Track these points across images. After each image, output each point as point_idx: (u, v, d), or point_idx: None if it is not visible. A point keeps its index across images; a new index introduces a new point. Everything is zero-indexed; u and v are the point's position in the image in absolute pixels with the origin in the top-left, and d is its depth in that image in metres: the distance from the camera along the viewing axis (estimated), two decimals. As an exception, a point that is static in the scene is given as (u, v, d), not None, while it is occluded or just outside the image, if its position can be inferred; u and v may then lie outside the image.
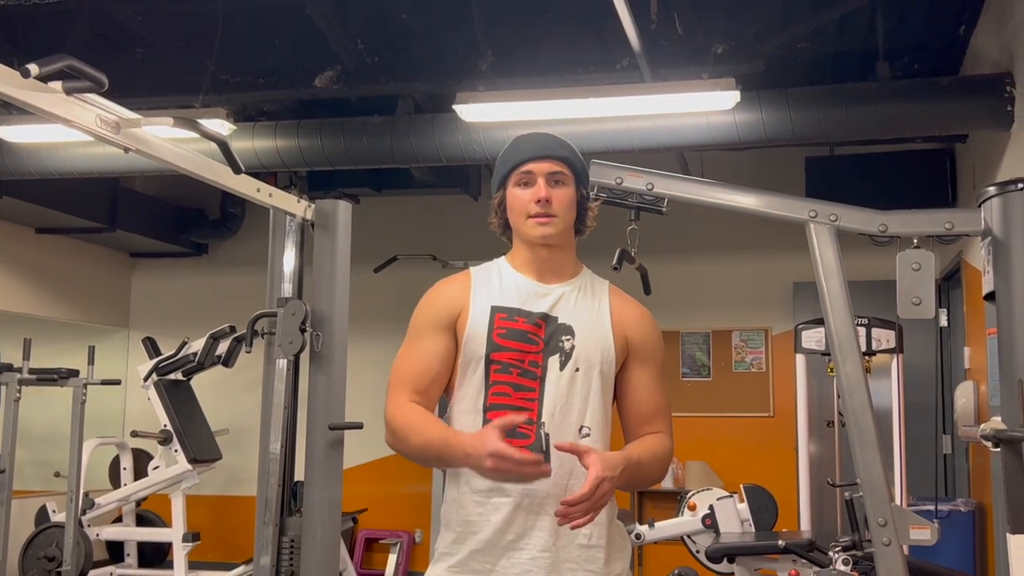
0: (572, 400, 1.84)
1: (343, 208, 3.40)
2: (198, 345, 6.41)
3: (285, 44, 5.41)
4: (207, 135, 2.60)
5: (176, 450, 6.35)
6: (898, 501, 4.71)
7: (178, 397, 6.57)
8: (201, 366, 6.42)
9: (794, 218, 2.20)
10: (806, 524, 5.30)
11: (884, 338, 5.29)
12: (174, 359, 6.50)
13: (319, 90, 5.32)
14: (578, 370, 1.86)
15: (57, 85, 2.16)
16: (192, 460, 6.32)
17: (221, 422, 6.92)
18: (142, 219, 7.59)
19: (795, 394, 5.53)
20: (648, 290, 2.41)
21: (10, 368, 5.82)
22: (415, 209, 7.69)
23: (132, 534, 6.68)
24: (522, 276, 1.95)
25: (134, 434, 6.53)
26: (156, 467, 6.39)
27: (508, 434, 1.78)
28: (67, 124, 2.26)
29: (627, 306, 1.98)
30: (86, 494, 6.25)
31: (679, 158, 6.15)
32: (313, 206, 3.35)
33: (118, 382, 6.47)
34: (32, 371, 5.90)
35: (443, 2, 5.00)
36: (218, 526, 7.39)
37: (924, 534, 2.07)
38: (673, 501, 6.02)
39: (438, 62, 5.28)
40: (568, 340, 1.88)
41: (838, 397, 5.26)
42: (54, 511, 6.35)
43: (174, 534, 6.28)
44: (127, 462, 6.72)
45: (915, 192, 6.04)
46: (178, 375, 6.57)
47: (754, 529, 4.74)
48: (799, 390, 5.49)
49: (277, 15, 5.19)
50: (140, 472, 6.61)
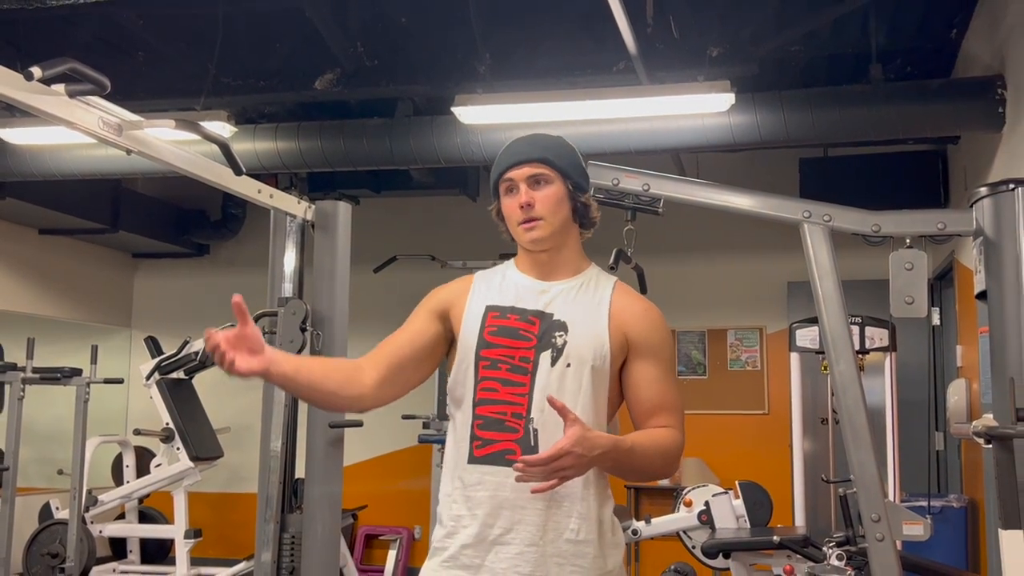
0: (562, 395, 1.80)
1: (343, 209, 3.41)
2: (200, 344, 6.41)
3: (285, 47, 5.42)
4: (208, 137, 2.62)
5: (178, 448, 6.36)
6: (891, 497, 4.67)
7: (180, 396, 6.58)
8: (203, 365, 6.45)
9: (788, 218, 2.23)
10: (801, 520, 5.27)
11: (877, 336, 5.26)
12: (176, 358, 6.52)
13: (319, 93, 5.33)
14: (569, 365, 1.83)
15: (60, 88, 2.17)
16: (194, 458, 6.33)
17: (222, 420, 6.93)
18: (144, 220, 7.60)
19: (789, 392, 5.50)
20: (644, 289, 2.41)
21: (14, 367, 5.83)
22: (414, 210, 7.70)
23: (135, 531, 6.69)
24: (523, 276, 1.96)
25: (136, 432, 6.55)
26: (158, 465, 6.41)
27: (497, 428, 1.81)
28: (70, 126, 2.27)
29: (629, 302, 1.93)
30: (89, 491, 6.28)
31: (675, 160, 6.16)
32: (313, 207, 3.36)
33: (121, 381, 6.48)
34: (36, 370, 5.91)
35: (441, 5, 5.00)
36: (220, 523, 7.40)
37: (917, 529, 2.11)
38: (669, 497, 6.05)
39: (437, 65, 5.28)
40: (561, 336, 1.85)
41: (832, 395, 5.22)
42: (57, 508, 6.35)
43: (176, 531, 6.29)
44: (130, 460, 6.74)
45: (908, 193, 6.04)
46: (180, 374, 6.58)
47: (749, 525, 4.71)
48: (793, 388, 5.45)
49: (277, 19, 5.20)
50: (142, 470, 6.62)
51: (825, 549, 4.12)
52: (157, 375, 6.51)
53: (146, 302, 8.42)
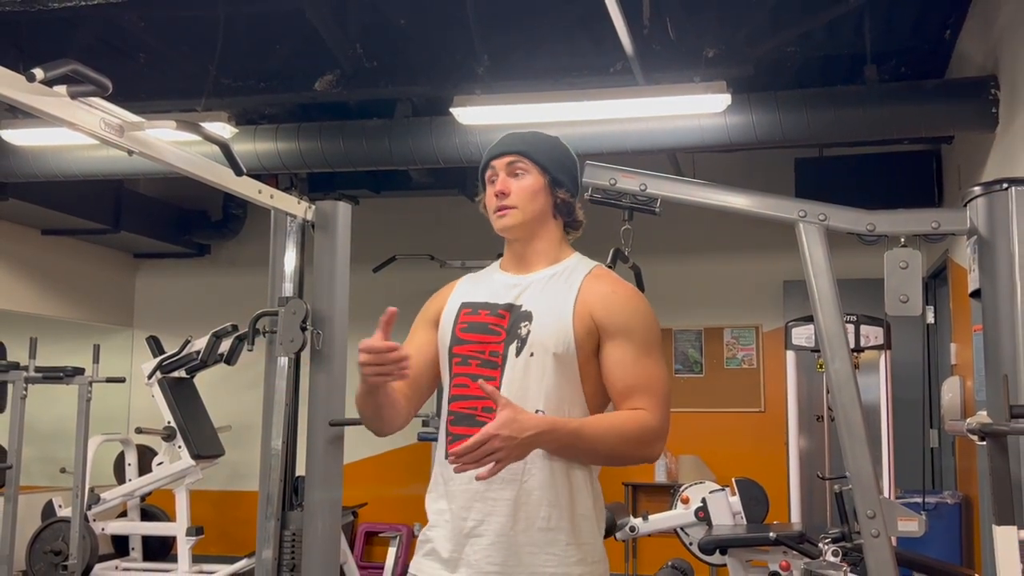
0: (527, 384, 1.80)
1: (343, 209, 3.40)
2: (201, 343, 6.44)
3: (285, 49, 5.43)
4: (209, 138, 2.60)
5: (180, 446, 6.37)
6: (886, 494, 4.69)
7: (181, 394, 6.59)
8: (204, 364, 6.45)
9: (784, 218, 2.22)
10: (796, 516, 5.31)
11: (872, 335, 5.30)
12: (177, 357, 6.53)
13: (319, 94, 5.34)
14: (532, 355, 1.82)
15: (62, 89, 2.16)
16: (195, 456, 6.34)
17: (223, 419, 6.94)
18: (145, 220, 7.62)
19: (785, 390, 5.55)
20: (642, 288, 2.42)
21: (17, 367, 5.83)
22: (413, 210, 7.72)
23: (137, 528, 6.69)
24: (502, 272, 1.97)
25: (138, 431, 6.56)
26: (160, 463, 6.42)
27: (468, 423, 1.82)
28: (72, 127, 2.27)
29: (599, 285, 1.87)
30: (91, 489, 6.29)
31: (671, 160, 6.17)
32: (313, 207, 3.35)
33: (123, 380, 6.44)
34: (38, 369, 5.92)
35: (440, 7, 5.02)
36: (221, 520, 7.42)
37: (912, 526, 2.09)
38: (666, 494, 6.09)
39: (435, 66, 5.30)
40: (525, 326, 1.84)
41: (827, 392, 5.25)
42: (60, 506, 6.35)
43: (178, 528, 6.30)
44: (132, 458, 6.75)
45: (902, 192, 6.05)
46: (181, 373, 6.58)
47: (746, 521, 4.71)
48: (789, 386, 5.50)
49: (278, 21, 5.21)
50: (144, 468, 6.64)
51: (821, 545, 4.11)
52: (159, 374, 6.51)
53: (148, 302, 8.43)
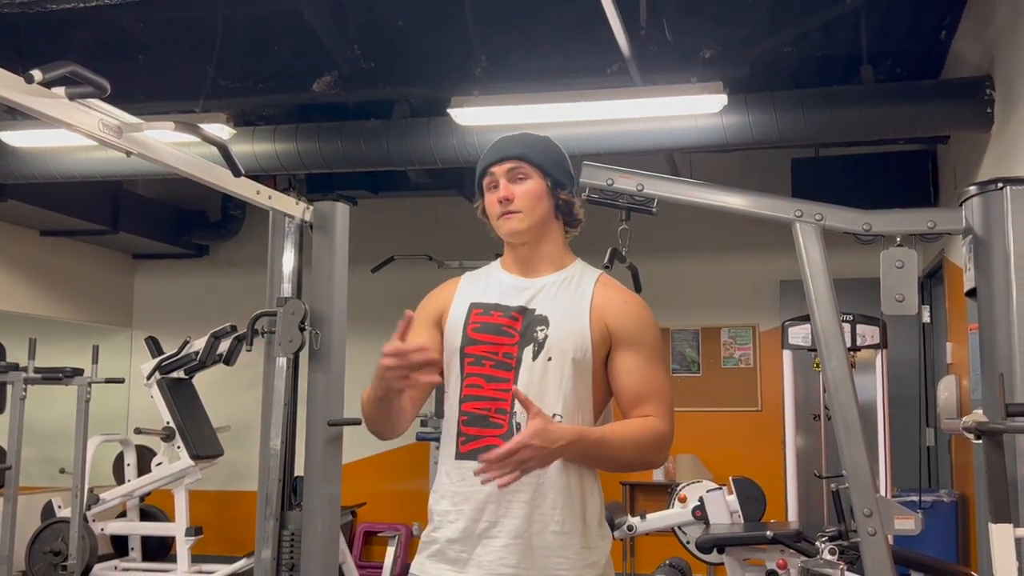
0: (545, 388, 1.82)
1: (341, 210, 3.40)
2: (200, 344, 6.45)
3: (284, 50, 5.43)
4: (207, 139, 2.59)
5: (179, 446, 6.38)
6: (883, 492, 4.67)
7: (180, 395, 6.60)
8: (203, 364, 6.46)
9: (781, 218, 2.22)
10: (793, 515, 5.30)
11: (868, 334, 5.29)
12: (176, 358, 6.54)
13: (317, 95, 5.34)
14: (550, 359, 1.84)
15: (60, 90, 2.16)
16: (194, 456, 6.35)
17: (222, 419, 6.96)
18: (144, 221, 7.63)
19: (782, 389, 5.55)
20: (639, 288, 2.41)
21: (16, 367, 5.83)
22: (411, 210, 7.73)
23: (136, 528, 6.70)
24: (507, 274, 1.97)
25: (137, 431, 6.56)
26: (159, 463, 6.43)
27: (482, 424, 1.83)
28: (70, 128, 2.26)
29: (610, 293, 1.91)
30: (91, 490, 6.30)
31: (668, 160, 6.16)
32: (311, 208, 3.34)
33: (122, 381, 6.48)
34: (37, 370, 5.93)
35: (438, 9, 5.02)
36: (220, 520, 7.44)
37: (908, 524, 2.10)
38: (664, 493, 6.08)
39: (433, 67, 5.30)
40: (542, 330, 1.86)
41: (824, 391, 5.24)
42: (59, 506, 6.36)
43: (177, 528, 6.32)
44: (131, 458, 6.76)
45: (898, 192, 6.06)
46: (180, 373, 6.60)
47: (743, 520, 4.73)
48: (786, 385, 5.50)
49: (276, 22, 5.21)
50: (143, 468, 6.65)
51: (818, 544, 4.11)
52: (158, 375, 6.53)
53: (146, 302, 8.45)
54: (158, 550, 6.84)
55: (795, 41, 5.18)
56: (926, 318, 5.82)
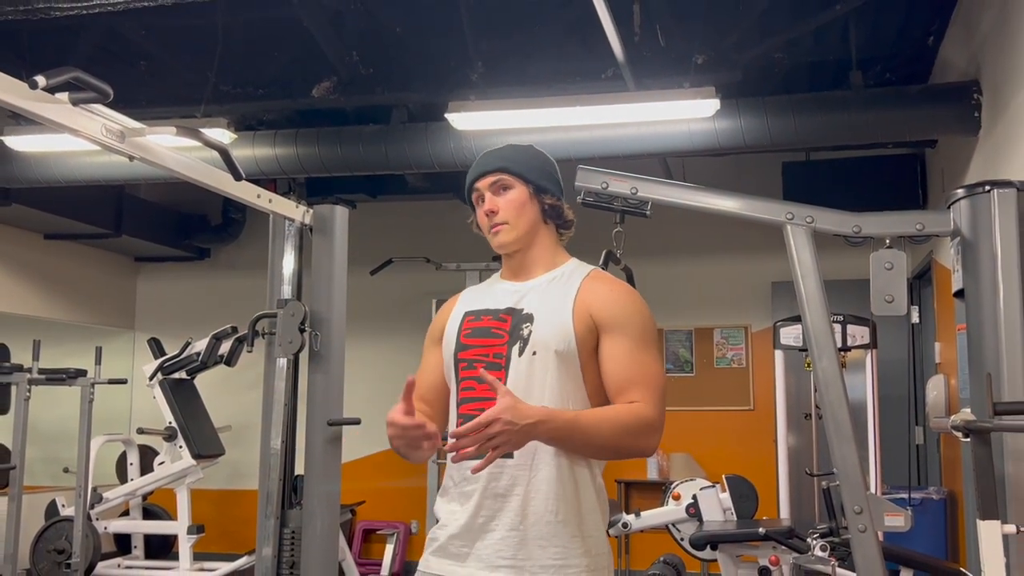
0: (531, 382, 1.84)
1: (340, 213, 3.41)
2: (201, 345, 6.49)
3: (283, 56, 5.45)
4: (209, 144, 2.58)
5: (181, 446, 6.41)
6: (873, 490, 4.70)
7: (182, 395, 6.63)
8: (204, 365, 6.49)
9: (772, 220, 2.24)
10: (785, 512, 5.29)
11: (859, 334, 5.27)
12: (178, 359, 6.57)
13: (316, 100, 5.36)
14: (535, 353, 1.86)
15: (64, 96, 2.17)
16: (196, 455, 6.38)
17: (224, 419, 6.99)
18: (146, 225, 7.64)
19: (774, 388, 5.54)
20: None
21: (20, 369, 5.89)
22: (409, 214, 7.74)
23: (139, 527, 6.72)
24: (503, 281, 2.02)
25: (140, 431, 6.60)
26: (161, 462, 6.46)
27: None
28: (73, 133, 2.27)
29: (597, 285, 1.91)
30: (94, 489, 6.32)
31: (662, 164, 6.19)
32: (311, 211, 3.35)
33: (124, 381, 6.50)
34: (41, 371, 5.98)
35: (435, 15, 5.04)
36: (221, 519, 7.46)
37: (898, 521, 2.14)
38: (658, 491, 6.10)
39: (431, 72, 5.32)
40: (527, 327, 1.89)
41: (815, 391, 5.27)
42: (63, 505, 6.38)
43: (179, 527, 6.35)
44: (133, 458, 6.79)
45: (887, 195, 6.10)
46: (182, 374, 6.62)
47: (736, 517, 4.74)
48: (778, 384, 5.50)
49: (276, 29, 5.24)
50: (146, 467, 6.67)
51: (809, 540, 4.14)
52: (160, 375, 6.56)
53: (149, 304, 8.46)
54: (160, 548, 6.87)
55: (786, 47, 5.21)
56: (915, 319, 5.83)
